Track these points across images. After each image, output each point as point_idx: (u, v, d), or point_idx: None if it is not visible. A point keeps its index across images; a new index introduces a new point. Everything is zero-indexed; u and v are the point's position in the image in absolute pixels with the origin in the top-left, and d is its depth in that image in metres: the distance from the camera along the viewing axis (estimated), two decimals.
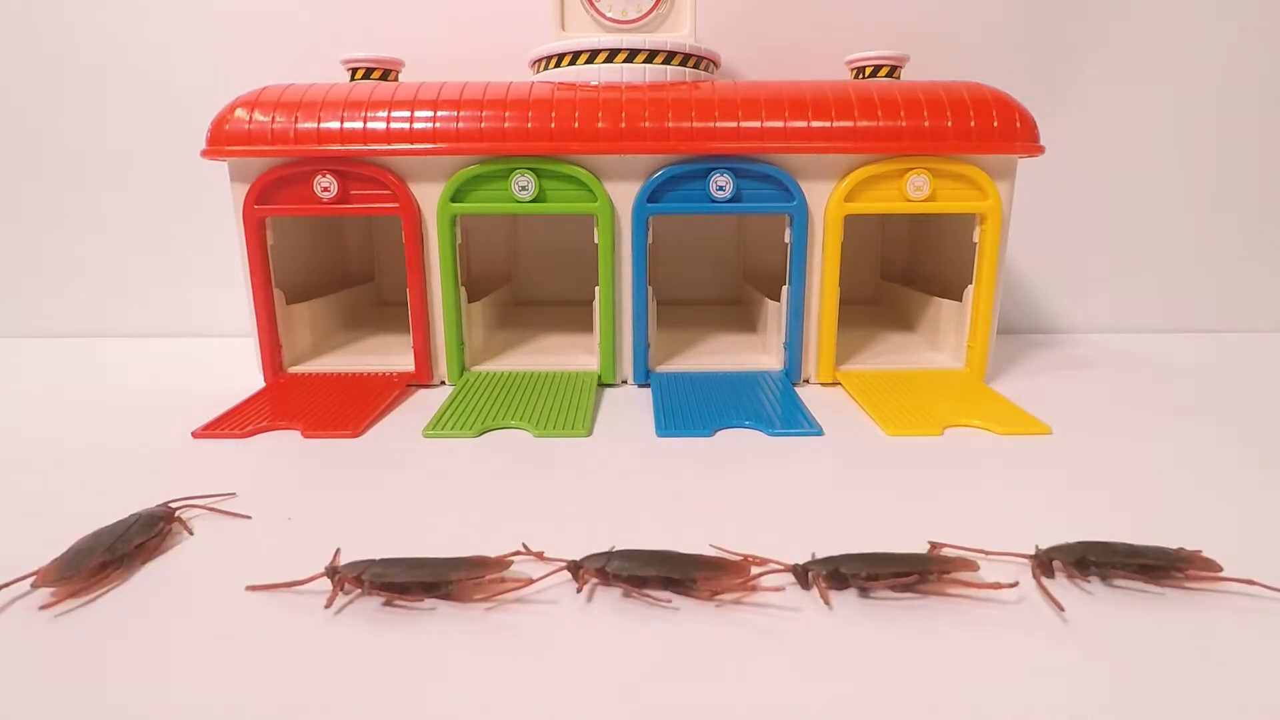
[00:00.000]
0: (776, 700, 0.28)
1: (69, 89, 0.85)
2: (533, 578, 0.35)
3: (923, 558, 0.35)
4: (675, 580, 0.34)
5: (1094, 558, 0.35)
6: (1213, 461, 0.50)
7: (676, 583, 0.34)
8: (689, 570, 0.34)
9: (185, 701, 0.27)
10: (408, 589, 0.34)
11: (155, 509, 0.40)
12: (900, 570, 0.34)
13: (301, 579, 0.34)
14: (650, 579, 0.34)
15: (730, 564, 0.35)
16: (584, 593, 0.34)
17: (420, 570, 0.34)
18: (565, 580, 0.35)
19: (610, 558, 0.35)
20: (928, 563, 0.35)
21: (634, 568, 0.34)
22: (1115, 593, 0.34)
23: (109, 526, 0.38)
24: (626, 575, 0.34)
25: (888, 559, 0.35)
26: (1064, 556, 0.35)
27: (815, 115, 0.62)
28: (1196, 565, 0.35)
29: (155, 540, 0.38)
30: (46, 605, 0.33)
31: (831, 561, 0.35)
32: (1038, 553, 0.36)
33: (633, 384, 0.68)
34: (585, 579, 0.35)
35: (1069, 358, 0.79)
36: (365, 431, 0.56)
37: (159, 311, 0.91)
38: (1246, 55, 0.85)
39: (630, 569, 0.34)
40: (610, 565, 0.34)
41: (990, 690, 0.28)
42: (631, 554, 0.35)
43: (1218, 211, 0.89)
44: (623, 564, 0.34)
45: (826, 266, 0.65)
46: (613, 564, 0.34)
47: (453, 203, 0.64)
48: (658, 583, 0.34)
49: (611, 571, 0.34)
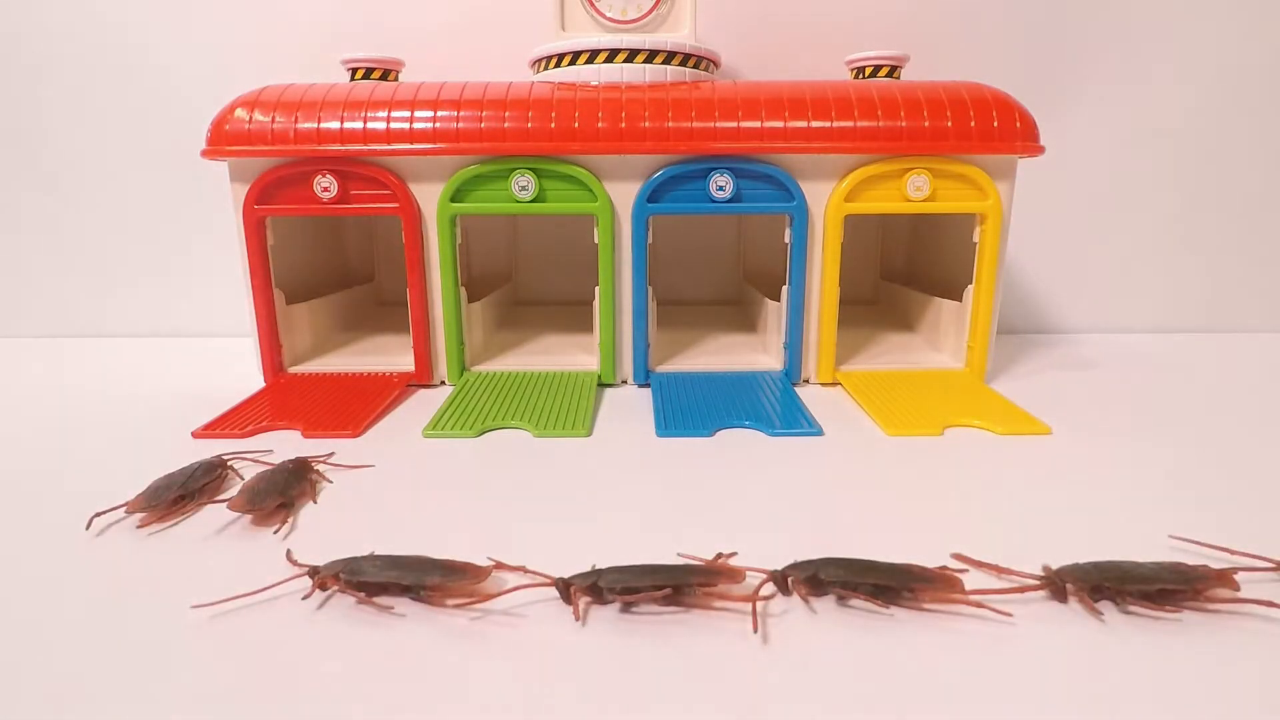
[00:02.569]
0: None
1: (69, 89, 0.85)
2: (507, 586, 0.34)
3: (904, 572, 0.34)
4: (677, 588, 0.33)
5: (1109, 583, 0.33)
6: (1213, 462, 0.50)
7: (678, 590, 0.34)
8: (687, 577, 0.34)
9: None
10: (385, 589, 0.34)
11: (210, 459, 0.47)
12: (879, 582, 0.33)
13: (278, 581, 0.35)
14: (644, 588, 0.33)
15: (937, 575, 0.34)
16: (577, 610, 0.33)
17: (397, 571, 0.34)
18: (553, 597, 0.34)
19: (820, 565, 0.34)
20: (909, 578, 0.34)
21: (628, 579, 0.33)
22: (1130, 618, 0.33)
23: (177, 471, 0.45)
24: (621, 589, 0.33)
25: (868, 569, 0.34)
26: (1078, 580, 0.33)
27: (815, 115, 0.62)
28: (1214, 583, 0.33)
29: (216, 482, 0.46)
30: (143, 524, 0.41)
31: (810, 566, 0.34)
32: (1049, 574, 0.34)
33: (633, 384, 0.68)
34: (576, 598, 0.33)
35: (1069, 358, 0.79)
36: (365, 431, 0.56)
37: (159, 311, 0.91)
38: (1246, 55, 0.84)
39: (624, 581, 0.33)
40: (823, 572, 0.33)
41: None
42: (624, 569, 0.34)
43: (1217, 211, 0.89)
44: (617, 578, 0.33)
45: (826, 266, 0.65)
46: (825, 570, 0.33)
47: (453, 203, 0.64)
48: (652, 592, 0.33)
49: (604, 586, 0.33)
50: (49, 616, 0.33)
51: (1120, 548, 0.37)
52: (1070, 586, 0.33)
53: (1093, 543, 0.38)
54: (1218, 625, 0.32)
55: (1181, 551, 0.37)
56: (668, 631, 0.32)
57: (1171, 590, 0.33)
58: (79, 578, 0.36)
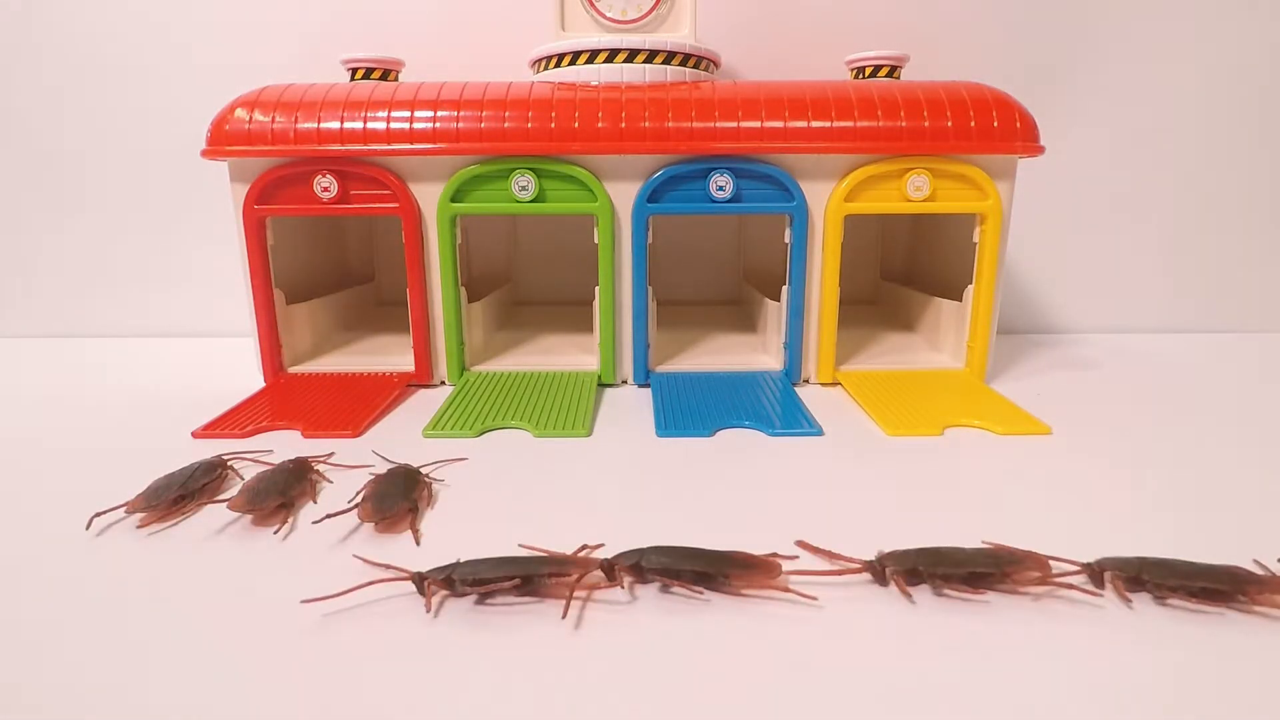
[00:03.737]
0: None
1: (69, 89, 0.85)
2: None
3: (725, 559, 0.35)
4: (708, 575, 0.34)
5: (923, 566, 0.34)
6: (1213, 462, 0.50)
7: (709, 578, 0.34)
8: (723, 566, 0.35)
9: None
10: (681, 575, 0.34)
11: (210, 459, 0.47)
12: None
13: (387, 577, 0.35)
14: (684, 572, 0.34)
15: (760, 561, 0.35)
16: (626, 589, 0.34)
17: (513, 566, 0.34)
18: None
19: (644, 554, 0.35)
20: (729, 565, 0.35)
21: (669, 562, 0.34)
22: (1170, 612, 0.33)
23: (177, 471, 0.45)
24: (472, 580, 0.34)
25: (691, 555, 0.35)
26: (896, 564, 0.34)
27: (815, 115, 0.62)
28: (1025, 567, 0.34)
29: (216, 482, 0.46)
30: (143, 524, 0.41)
31: (634, 554, 0.35)
32: (1091, 563, 0.35)
33: (633, 384, 0.68)
34: (620, 577, 0.35)
35: (1069, 358, 0.79)
36: (365, 431, 0.56)
37: (158, 311, 0.91)
38: (1246, 55, 0.84)
39: (666, 562, 0.34)
40: (645, 560, 0.34)
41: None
42: (667, 550, 0.35)
43: (1217, 211, 0.89)
44: (659, 557, 0.34)
45: (826, 266, 0.65)
46: (648, 558, 0.34)
47: (453, 203, 0.64)
48: (690, 576, 0.34)
49: (646, 566, 0.34)
50: (49, 616, 0.33)
51: (1120, 547, 0.37)
52: (889, 570, 0.34)
53: (1093, 542, 0.38)
54: (1024, 606, 0.33)
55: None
56: (491, 622, 0.33)
57: (982, 574, 0.34)
58: (79, 578, 0.36)
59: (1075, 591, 0.34)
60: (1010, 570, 0.34)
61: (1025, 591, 0.34)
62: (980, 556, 0.35)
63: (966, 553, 0.35)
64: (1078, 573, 0.35)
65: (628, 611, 0.33)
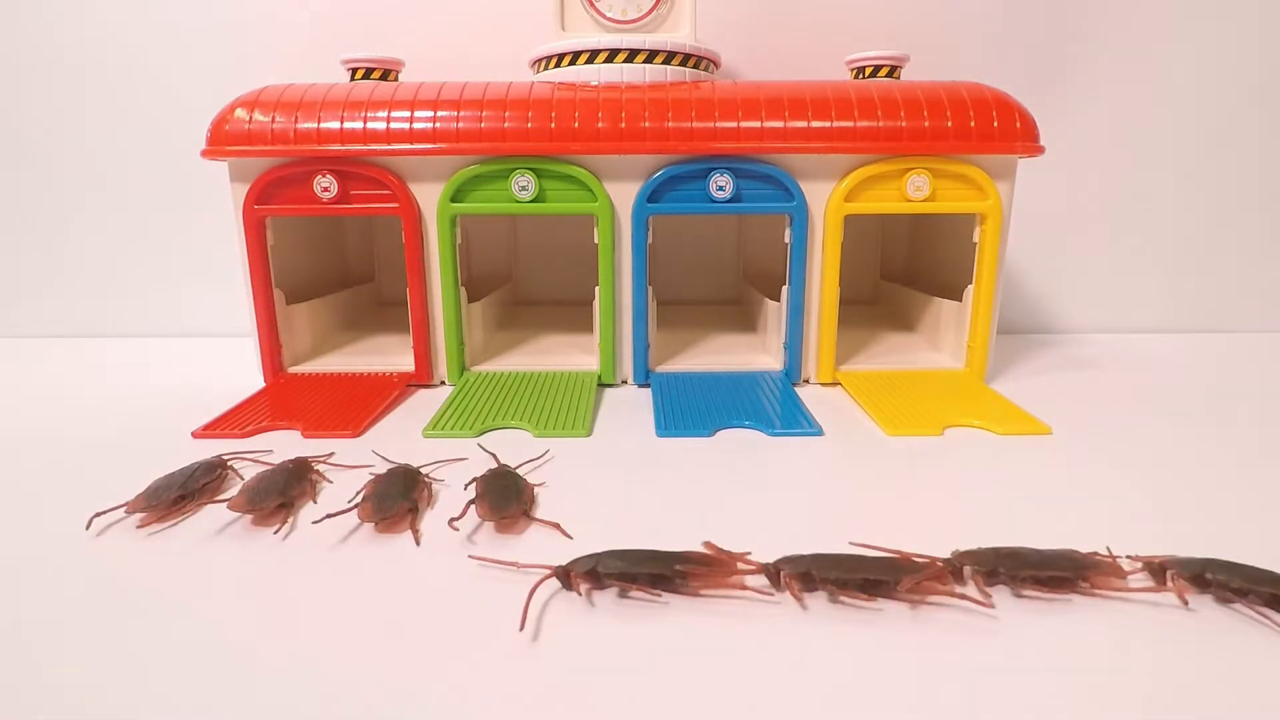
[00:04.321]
0: None
1: (69, 89, 0.85)
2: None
3: (679, 559, 0.35)
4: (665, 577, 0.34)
5: (815, 570, 0.34)
6: (1213, 462, 0.50)
7: (666, 579, 0.34)
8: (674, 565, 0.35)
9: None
10: (637, 580, 0.34)
11: (210, 459, 0.47)
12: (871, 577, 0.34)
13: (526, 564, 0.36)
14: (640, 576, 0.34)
15: (716, 560, 0.35)
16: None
17: (651, 563, 0.34)
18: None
19: (599, 559, 0.35)
20: (684, 564, 0.35)
21: (625, 566, 0.34)
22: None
23: (177, 471, 0.45)
24: (617, 574, 0.34)
25: (646, 559, 0.35)
26: (1180, 568, 0.34)
27: (815, 115, 0.62)
28: (924, 576, 0.34)
29: (216, 482, 0.46)
30: (143, 524, 0.41)
31: (590, 560, 0.35)
32: (1148, 562, 0.35)
33: (633, 384, 0.68)
34: (576, 583, 0.34)
35: (1069, 358, 0.79)
36: (365, 431, 0.56)
37: (159, 311, 0.91)
38: (1246, 55, 0.85)
39: (621, 567, 0.34)
40: (601, 565, 0.34)
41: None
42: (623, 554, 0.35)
43: (1218, 211, 0.89)
44: (614, 562, 0.34)
45: (826, 266, 0.65)
46: (604, 563, 0.34)
47: (453, 203, 0.64)
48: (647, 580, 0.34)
49: (603, 572, 0.34)
50: (49, 616, 0.33)
51: (1119, 547, 0.37)
52: (784, 574, 0.34)
53: (1092, 542, 0.38)
54: (915, 613, 0.33)
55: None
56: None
57: (876, 581, 0.34)
58: (79, 578, 0.36)
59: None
60: (902, 579, 0.34)
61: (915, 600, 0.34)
62: (1060, 560, 0.35)
63: (1044, 554, 0.35)
64: (756, 571, 0.35)
65: (587, 617, 0.33)
